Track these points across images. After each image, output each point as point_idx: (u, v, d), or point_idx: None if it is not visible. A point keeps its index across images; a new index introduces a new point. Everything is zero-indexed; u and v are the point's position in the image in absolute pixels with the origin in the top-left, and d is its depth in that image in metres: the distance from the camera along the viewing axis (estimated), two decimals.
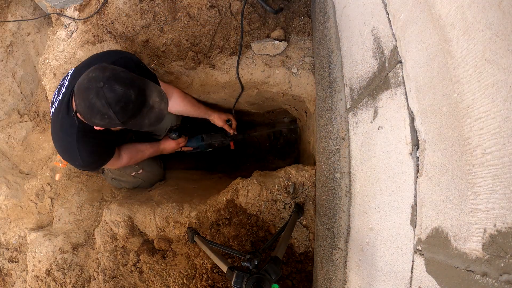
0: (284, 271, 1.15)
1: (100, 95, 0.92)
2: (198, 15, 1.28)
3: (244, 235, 1.20)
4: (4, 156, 1.92)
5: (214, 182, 1.80)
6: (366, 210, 0.76)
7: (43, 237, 1.60)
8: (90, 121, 1.00)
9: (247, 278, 0.74)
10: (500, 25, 0.35)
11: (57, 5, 1.49)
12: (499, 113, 0.36)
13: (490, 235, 0.38)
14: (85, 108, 0.96)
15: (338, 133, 0.94)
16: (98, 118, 0.96)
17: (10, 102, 1.95)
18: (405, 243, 0.58)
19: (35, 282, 1.55)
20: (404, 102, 0.59)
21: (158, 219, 1.42)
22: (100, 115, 0.95)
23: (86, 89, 0.93)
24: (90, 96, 0.93)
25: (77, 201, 1.70)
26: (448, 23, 0.45)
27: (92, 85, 0.92)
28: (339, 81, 0.97)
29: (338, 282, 0.90)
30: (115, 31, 1.36)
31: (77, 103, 0.98)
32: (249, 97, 1.54)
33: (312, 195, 1.19)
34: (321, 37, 1.11)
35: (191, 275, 1.29)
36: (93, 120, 0.98)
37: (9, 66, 1.95)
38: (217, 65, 1.33)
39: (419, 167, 0.54)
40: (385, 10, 0.65)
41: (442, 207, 0.48)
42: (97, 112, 0.94)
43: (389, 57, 0.65)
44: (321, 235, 1.05)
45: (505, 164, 0.36)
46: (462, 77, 0.42)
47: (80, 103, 0.96)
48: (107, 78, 0.93)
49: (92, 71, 0.96)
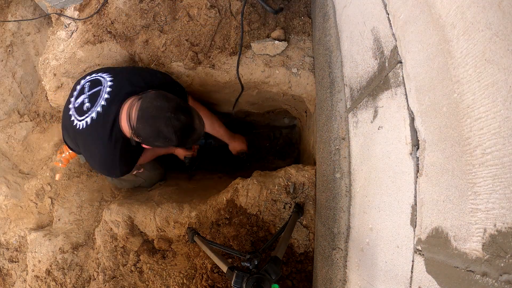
0: (284, 271, 1.15)
1: (168, 123, 1.04)
2: (198, 15, 1.28)
3: (244, 235, 1.20)
4: (4, 156, 1.92)
5: (214, 182, 1.80)
6: (366, 210, 0.76)
7: (43, 237, 1.60)
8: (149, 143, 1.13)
9: (247, 278, 0.74)
10: (500, 25, 0.35)
11: (57, 5, 1.49)
12: (499, 113, 0.36)
13: (490, 235, 0.38)
14: (150, 133, 1.07)
15: (338, 133, 0.94)
16: (161, 142, 1.09)
17: (10, 102, 1.95)
18: (405, 243, 0.58)
19: (35, 282, 1.55)
20: (404, 102, 0.59)
21: (158, 219, 1.42)
22: (163, 139, 1.07)
23: (155, 117, 1.04)
24: (158, 124, 1.04)
25: (77, 201, 1.70)
26: (448, 23, 0.45)
27: (161, 114, 1.04)
28: (339, 81, 0.97)
29: (338, 282, 0.90)
30: (115, 31, 1.36)
31: (139, 127, 1.06)
32: (249, 97, 1.54)
33: (312, 195, 1.19)
34: (321, 37, 1.11)
35: (191, 275, 1.29)
36: (155, 142, 1.11)
37: (9, 66, 1.95)
38: (217, 65, 1.33)
39: (419, 167, 0.54)
40: (385, 10, 0.66)
41: (442, 207, 0.48)
42: (163, 137, 1.07)
43: (389, 57, 0.65)
44: (321, 235, 1.05)
45: (505, 164, 0.36)
46: (462, 77, 0.42)
47: (145, 128, 1.06)
48: (174, 108, 1.05)
49: (156, 100, 1.06)
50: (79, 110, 1.17)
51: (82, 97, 1.18)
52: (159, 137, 1.07)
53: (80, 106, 1.17)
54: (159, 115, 1.04)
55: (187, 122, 1.08)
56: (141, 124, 1.06)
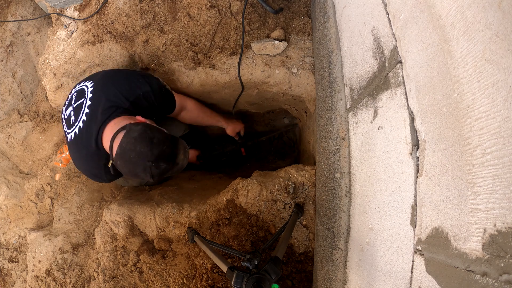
0: (284, 271, 1.15)
1: (147, 170, 1.02)
2: (198, 15, 1.28)
3: (244, 235, 1.20)
4: (4, 156, 1.92)
5: (214, 182, 1.80)
6: (366, 210, 0.76)
7: (43, 237, 1.60)
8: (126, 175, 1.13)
9: (247, 278, 0.74)
10: (500, 25, 0.35)
11: (57, 5, 1.49)
12: (499, 113, 0.36)
13: (490, 235, 0.38)
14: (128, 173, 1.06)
15: (338, 133, 0.94)
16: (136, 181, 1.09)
17: (10, 102, 1.95)
18: (405, 243, 0.58)
19: (35, 282, 1.55)
20: (404, 102, 0.58)
21: (158, 219, 1.42)
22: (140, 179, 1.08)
23: (134, 163, 1.01)
24: (136, 170, 1.02)
25: (77, 201, 1.70)
26: (448, 23, 0.45)
27: (140, 162, 1.00)
28: (339, 81, 0.97)
29: (338, 282, 0.90)
30: (115, 31, 1.36)
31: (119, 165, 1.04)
32: (249, 97, 1.54)
33: (312, 195, 1.19)
34: (321, 37, 1.11)
35: (191, 275, 1.29)
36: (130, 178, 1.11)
37: (9, 66, 1.94)
38: (217, 65, 1.33)
39: (419, 167, 0.54)
40: (385, 10, 0.65)
41: (442, 207, 0.48)
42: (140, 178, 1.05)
43: (389, 57, 0.65)
44: (321, 235, 1.05)
45: (505, 164, 0.36)
46: (462, 77, 0.42)
47: (123, 168, 1.04)
48: (156, 157, 1.01)
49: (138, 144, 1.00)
50: (67, 122, 1.19)
51: (70, 108, 1.19)
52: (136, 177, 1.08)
53: (68, 118, 1.19)
54: (138, 162, 1.00)
55: (166, 168, 1.05)
56: (119, 162, 1.04)
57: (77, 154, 1.21)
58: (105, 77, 1.21)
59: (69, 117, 1.18)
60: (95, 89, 1.16)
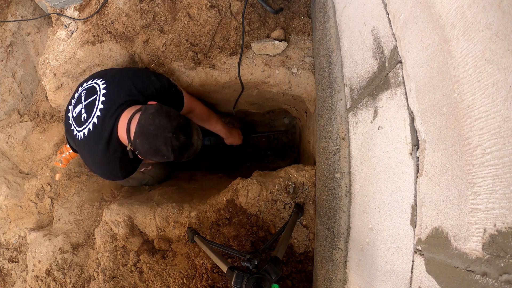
0: (284, 271, 1.15)
1: (168, 143, 1.04)
2: (198, 15, 1.28)
3: (244, 235, 1.20)
4: (4, 156, 1.92)
5: (214, 182, 1.80)
6: (366, 210, 0.76)
7: (43, 237, 1.60)
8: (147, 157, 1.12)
9: (247, 278, 0.74)
10: (500, 25, 0.35)
11: (57, 5, 1.49)
12: (499, 113, 0.36)
13: (490, 235, 0.38)
14: (149, 150, 1.06)
15: (338, 133, 0.94)
16: (158, 158, 1.09)
17: (10, 102, 1.95)
18: (405, 243, 0.58)
19: (35, 282, 1.55)
20: (404, 102, 0.58)
21: (158, 219, 1.42)
22: (161, 156, 1.07)
23: (154, 136, 1.03)
24: (157, 143, 1.04)
25: (77, 201, 1.70)
26: (448, 23, 0.45)
27: (160, 134, 1.03)
28: (339, 81, 0.97)
29: (338, 282, 0.90)
30: (115, 31, 1.36)
31: (138, 143, 1.05)
32: (249, 97, 1.54)
33: (312, 195, 1.19)
34: (321, 37, 1.11)
35: (191, 275, 1.29)
36: (152, 158, 1.10)
37: (9, 66, 1.95)
38: (217, 65, 1.33)
39: (419, 167, 0.54)
40: (385, 10, 0.65)
41: (442, 207, 0.48)
42: (161, 154, 1.07)
43: (389, 57, 0.65)
44: (321, 235, 1.05)
45: (505, 164, 0.36)
46: (462, 77, 0.42)
47: (144, 145, 1.05)
48: (175, 128, 1.05)
49: (157, 118, 1.04)
50: (77, 121, 1.18)
51: (79, 106, 1.18)
52: (157, 154, 1.08)
53: (78, 116, 1.18)
54: (159, 134, 1.03)
55: (185, 141, 1.08)
56: (139, 140, 1.05)
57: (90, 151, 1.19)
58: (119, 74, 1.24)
59: (79, 115, 1.17)
60: (110, 86, 1.17)
